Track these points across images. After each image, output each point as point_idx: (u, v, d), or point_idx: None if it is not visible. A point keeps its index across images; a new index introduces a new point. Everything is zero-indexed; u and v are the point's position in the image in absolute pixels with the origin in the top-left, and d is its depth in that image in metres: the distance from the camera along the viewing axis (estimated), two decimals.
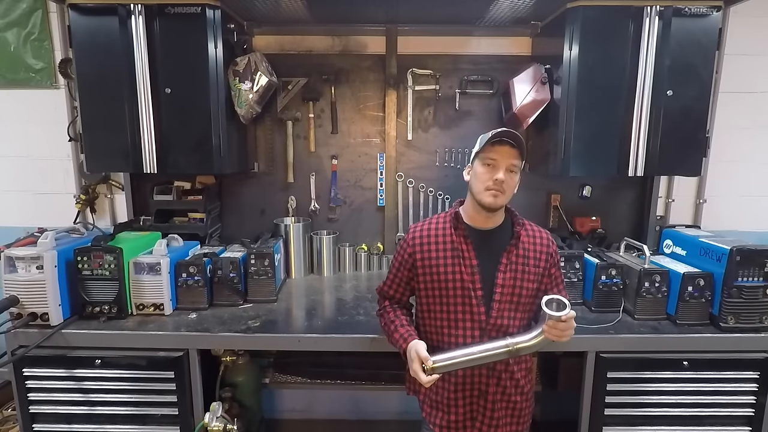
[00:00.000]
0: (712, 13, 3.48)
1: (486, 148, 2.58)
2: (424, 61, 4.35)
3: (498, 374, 2.69)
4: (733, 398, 3.27)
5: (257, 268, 3.69)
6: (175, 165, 3.72)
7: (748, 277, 3.21)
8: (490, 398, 2.71)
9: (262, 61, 3.88)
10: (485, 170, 2.59)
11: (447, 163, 4.49)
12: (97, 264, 3.28)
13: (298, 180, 4.54)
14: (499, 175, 2.53)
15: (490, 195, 2.57)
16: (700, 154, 3.72)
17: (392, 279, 2.91)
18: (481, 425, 2.75)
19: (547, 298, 2.41)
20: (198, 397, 3.28)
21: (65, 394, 3.26)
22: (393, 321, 2.80)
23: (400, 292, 2.90)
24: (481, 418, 2.74)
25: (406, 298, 2.94)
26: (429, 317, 2.75)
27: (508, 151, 2.55)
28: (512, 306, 2.66)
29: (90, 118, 3.66)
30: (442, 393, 2.78)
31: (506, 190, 2.58)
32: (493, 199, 2.57)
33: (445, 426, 2.79)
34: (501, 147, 2.55)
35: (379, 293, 3.01)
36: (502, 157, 2.55)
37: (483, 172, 2.60)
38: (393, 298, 2.93)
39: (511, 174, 2.58)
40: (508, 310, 2.66)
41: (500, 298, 2.64)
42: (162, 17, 3.53)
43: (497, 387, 2.71)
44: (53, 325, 3.18)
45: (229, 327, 3.27)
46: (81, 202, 4.35)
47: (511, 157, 2.55)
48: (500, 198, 2.57)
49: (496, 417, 2.73)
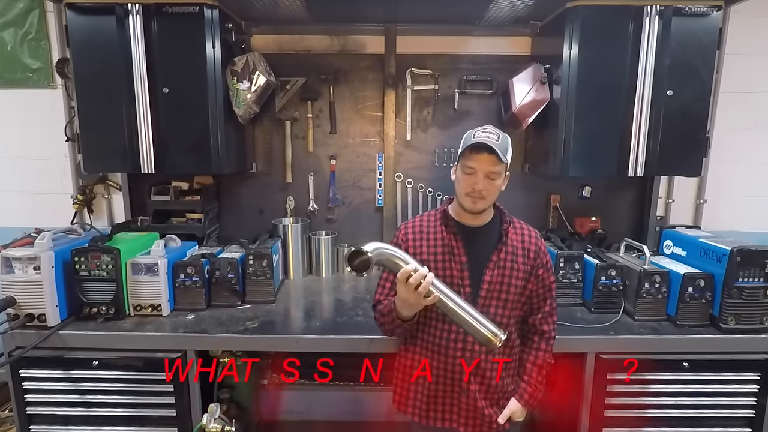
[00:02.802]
0: (712, 12, 3.49)
1: (465, 155, 2.61)
2: (423, 61, 4.35)
3: (481, 376, 2.74)
4: (734, 400, 3.28)
5: (255, 268, 3.70)
6: (173, 165, 3.73)
7: (748, 278, 3.21)
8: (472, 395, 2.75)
9: (260, 61, 3.89)
10: (465, 177, 2.63)
11: (446, 164, 4.48)
12: (94, 265, 3.28)
13: (296, 180, 4.55)
14: (477, 185, 2.57)
15: (469, 200, 2.63)
16: (700, 154, 3.73)
17: (386, 277, 2.89)
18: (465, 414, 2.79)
19: None
20: (196, 399, 3.28)
21: (62, 395, 3.25)
22: (387, 305, 2.74)
23: (395, 291, 2.87)
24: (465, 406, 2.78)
25: None
26: (419, 312, 2.73)
27: (486, 158, 2.56)
28: (499, 303, 2.71)
29: (87, 118, 3.67)
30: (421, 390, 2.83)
31: (487, 196, 2.61)
32: (473, 205, 2.63)
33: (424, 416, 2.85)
34: (479, 155, 2.57)
35: (374, 306, 2.93)
36: (480, 165, 2.57)
37: (463, 179, 2.64)
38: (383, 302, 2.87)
39: (491, 180, 2.59)
40: (495, 306, 2.70)
41: (486, 295, 2.68)
42: (160, 17, 3.54)
43: (480, 386, 2.76)
44: (50, 326, 3.18)
45: (227, 328, 3.27)
46: (78, 203, 4.35)
47: (490, 164, 2.56)
48: (480, 203, 2.62)
49: (479, 407, 2.75)
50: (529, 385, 2.83)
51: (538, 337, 2.86)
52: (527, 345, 2.89)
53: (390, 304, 2.70)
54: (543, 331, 2.85)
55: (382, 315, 2.77)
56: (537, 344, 2.86)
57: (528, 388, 2.83)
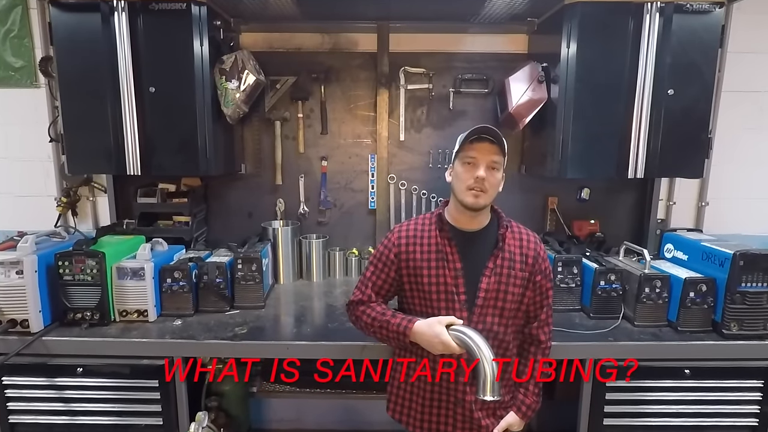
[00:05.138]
0: (714, 9, 3.50)
1: (465, 147, 2.63)
2: (416, 59, 4.36)
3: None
4: (737, 408, 3.29)
5: (244, 273, 3.70)
6: (160, 166, 3.74)
7: (752, 283, 3.21)
8: (468, 406, 2.75)
9: (249, 60, 3.90)
10: (465, 169, 2.63)
11: (440, 165, 4.49)
12: (78, 269, 3.29)
13: (286, 182, 4.55)
14: (480, 173, 2.56)
15: (471, 195, 2.60)
16: (702, 155, 3.75)
17: (374, 281, 2.88)
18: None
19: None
20: (183, 407, 3.29)
21: (46, 403, 3.26)
22: (383, 312, 2.77)
23: (383, 295, 2.89)
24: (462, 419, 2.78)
25: (384, 303, 2.93)
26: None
27: (487, 147, 2.58)
28: (496, 312, 2.70)
29: (72, 118, 3.68)
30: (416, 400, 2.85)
31: (488, 189, 2.61)
32: (475, 199, 2.60)
33: (419, 426, 2.86)
34: (480, 144, 2.59)
35: (353, 302, 2.93)
36: (481, 154, 2.58)
37: (463, 172, 2.64)
38: (368, 303, 2.87)
39: (493, 171, 2.61)
40: (491, 315, 2.69)
41: (483, 303, 2.67)
42: (146, 14, 3.55)
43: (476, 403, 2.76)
44: (33, 332, 3.18)
45: (216, 334, 3.28)
46: (62, 205, 4.35)
47: (492, 153, 2.58)
48: (482, 197, 2.60)
49: (476, 418, 2.75)
50: (526, 396, 2.84)
51: (534, 347, 2.87)
52: (523, 355, 2.89)
53: (392, 315, 2.73)
54: (540, 340, 2.86)
55: (372, 319, 2.78)
56: (533, 354, 2.87)
57: (526, 400, 2.84)
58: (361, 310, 2.85)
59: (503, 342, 2.74)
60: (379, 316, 2.75)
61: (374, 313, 2.78)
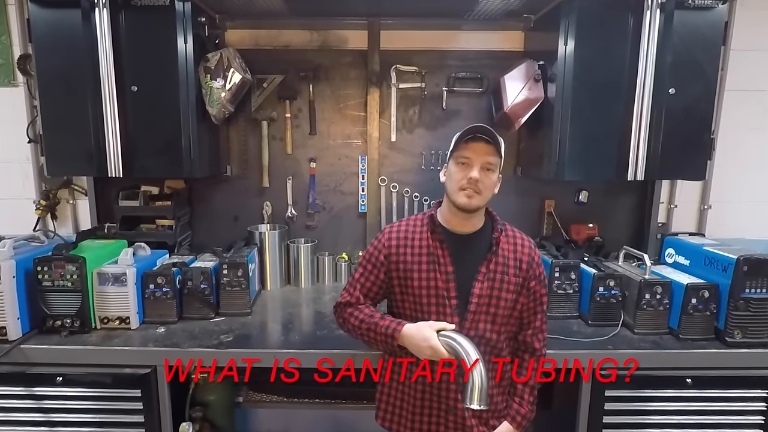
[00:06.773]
0: (717, 5, 3.50)
1: (459, 146, 2.63)
2: (408, 57, 4.35)
3: None
4: (740, 418, 3.28)
5: (230, 278, 3.69)
6: (142, 168, 3.72)
7: (756, 289, 3.21)
8: (460, 414, 2.74)
9: (235, 57, 3.89)
10: (459, 169, 2.63)
11: (433, 167, 4.49)
12: (58, 274, 3.27)
13: (273, 184, 4.54)
14: (473, 174, 2.56)
15: (464, 195, 2.60)
16: (704, 156, 3.74)
17: (362, 283, 2.88)
18: None
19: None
20: (166, 417, 3.27)
21: (24, 413, 3.23)
22: (372, 315, 2.78)
23: (371, 297, 2.90)
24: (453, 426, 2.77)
25: (373, 306, 2.94)
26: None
27: (482, 148, 2.58)
28: (488, 318, 2.69)
29: (51, 118, 3.66)
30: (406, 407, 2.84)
31: (482, 190, 2.60)
32: (468, 200, 2.60)
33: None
34: (475, 144, 2.59)
35: (341, 304, 2.95)
36: (476, 154, 2.58)
37: (456, 172, 2.64)
38: (356, 305, 2.89)
39: (487, 173, 2.61)
40: (483, 321, 2.69)
41: (476, 309, 2.67)
42: (128, 10, 3.53)
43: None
44: (11, 339, 3.16)
45: (200, 342, 3.26)
46: (41, 208, 4.33)
47: (486, 154, 2.58)
48: (475, 199, 2.60)
49: (468, 426, 2.74)
50: (521, 406, 2.83)
51: (528, 354, 2.87)
52: (517, 363, 2.89)
53: (380, 317, 2.74)
54: (534, 348, 2.85)
55: (359, 321, 2.79)
56: (527, 362, 2.86)
57: (521, 409, 2.83)
58: (349, 312, 2.87)
59: (495, 348, 2.74)
60: (367, 318, 2.76)
61: (362, 315, 2.80)
